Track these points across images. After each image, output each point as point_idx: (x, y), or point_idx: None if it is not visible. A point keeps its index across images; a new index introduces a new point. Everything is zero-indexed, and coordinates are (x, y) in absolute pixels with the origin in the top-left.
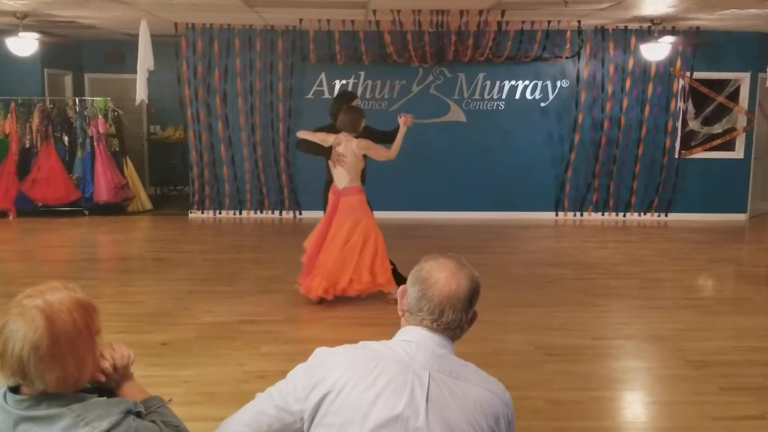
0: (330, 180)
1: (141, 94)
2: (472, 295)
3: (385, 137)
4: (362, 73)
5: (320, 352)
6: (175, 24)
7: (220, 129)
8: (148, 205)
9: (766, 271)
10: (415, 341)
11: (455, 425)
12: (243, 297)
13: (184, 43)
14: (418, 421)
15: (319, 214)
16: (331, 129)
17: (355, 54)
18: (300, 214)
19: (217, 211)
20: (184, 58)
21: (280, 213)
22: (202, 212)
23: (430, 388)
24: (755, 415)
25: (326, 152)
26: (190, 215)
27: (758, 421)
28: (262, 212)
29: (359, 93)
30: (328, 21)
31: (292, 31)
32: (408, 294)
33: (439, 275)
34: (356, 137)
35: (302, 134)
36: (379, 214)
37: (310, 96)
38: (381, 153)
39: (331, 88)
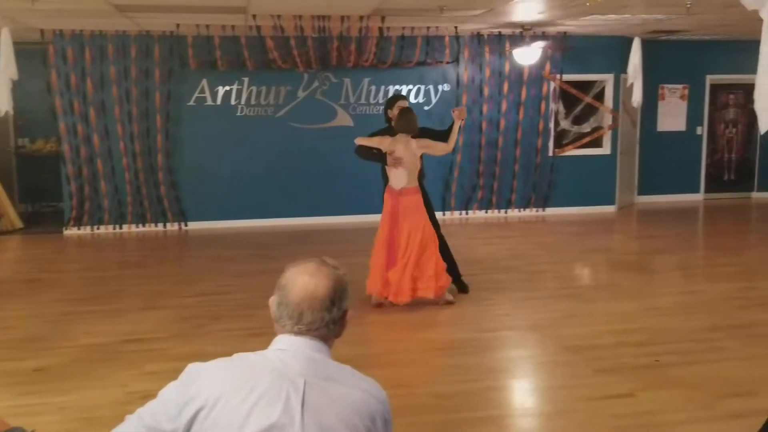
0: (386, 184)
1: (3, 105)
2: (333, 294)
3: (440, 136)
4: (246, 79)
5: (192, 368)
6: (41, 30)
7: (96, 140)
8: (18, 224)
9: (635, 259)
10: (289, 349)
11: (331, 428)
12: (125, 315)
13: (52, 50)
14: (294, 428)
15: (209, 224)
16: (386, 132)
17: (238, 60)
18: (185, 225)
19: (96, 227)
20: (53, 66)
21: (164, 225)
22: (79, 228)
23: (305, 394)
24: (625, 393)
25: (384, 158)
26: (66, 232)
27: (628, 398)
28: (144, 225)
29: (243, 99)
30: (207, 26)
31: (170, 37)
32: (272, 303)
33: (296, 279)
34: (413, 137)
35: (360, 140)
36: (274, 222)
37: (191, 103)
38: (440, 148)
39: (214, 94)
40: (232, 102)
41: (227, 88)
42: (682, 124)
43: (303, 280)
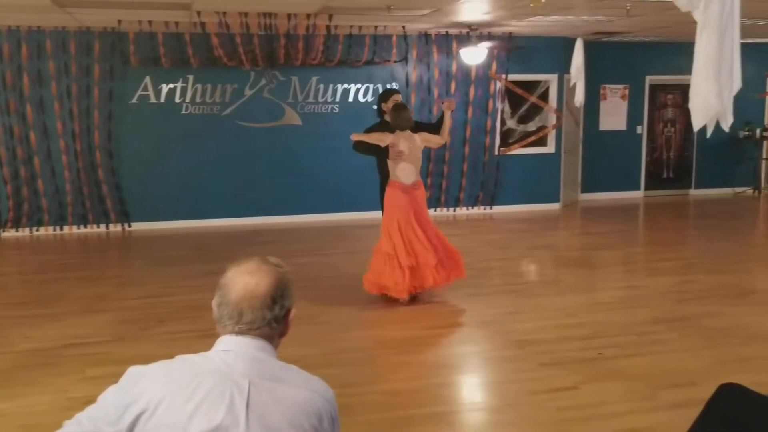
0: (384, 180)
1: None
2: (274, 292)
3: (432, 129)
4: (191, 77)
5: (132, 371)
6: None
7: (33, 139)
8: None
9: (579, 255)
10: (233, 349)
11: (276, 429)
12: (66, 319)
13: None
14: (238, 429)
15: (153, 224)
16: (381, 128)
17: (182, 57)
18: (129, 226)
19: (35, 228)
20: None
21: (107, 226)
22: (17, 230)
23: (250, 395)
24: (569, 386)
25: (383, 152)
26: (3, 234)
27: (572, 391)
28: (86, 226)
29: (188, 97)
30: (150, 22)
31: (111, 33)
32: (213, 304)
33: (237, 278)
34: (413, 132)
35: (357, 137)
36: (221, 222)
37: (134, 101)
38: (437, 141)
39: (158, 92)
40: (177, 100)
41: (171, 85)
42: (623, 124)
43: (243, 279)
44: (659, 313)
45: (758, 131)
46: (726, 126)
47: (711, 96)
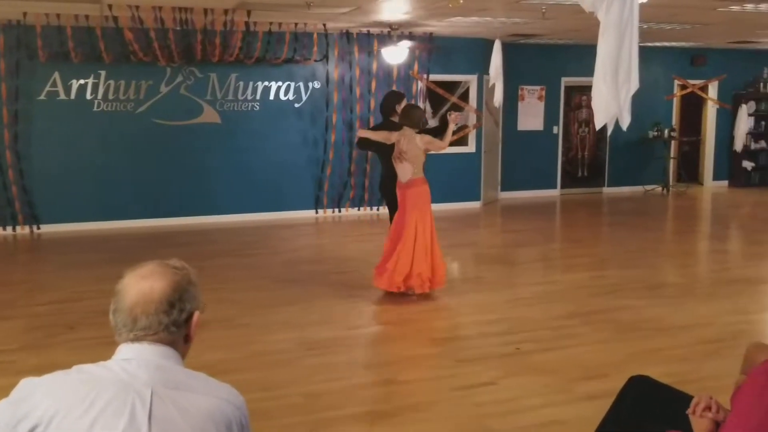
0: (388, 176)
1: None
2: (171, 296)
3: (435, 133)
4: (103, 73)
5: (25, 384)
6: None
7: None
8: None
9: (499, 252)
10: (134, 358)
11: None
12: None
13: None
14: None
15: (64, 226)
16: (387, 126)
17: (93, 52)
18: (38, 228)
19: None
20: None
21: (14, 229)
22: None
23: (153, 405)
24: (487, 381)
25: (389, 150)
26: None
27: (490, 386)
28: None
29: (100, 94)
30: (58, 16)
31: (16, 26)
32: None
33: (131, 284)
34: (418, 132)
35: (363, 133)
36: (136, 223)
37: (42, 97)
38: (439, 145)
39: (68, 88)
40: (88, 97)
41: (82, 81)
42: (540, 124)
43: (137, 284)
44: (574, 308)
45: (666, 132)
46: (624, 125)
47: (609, 96)
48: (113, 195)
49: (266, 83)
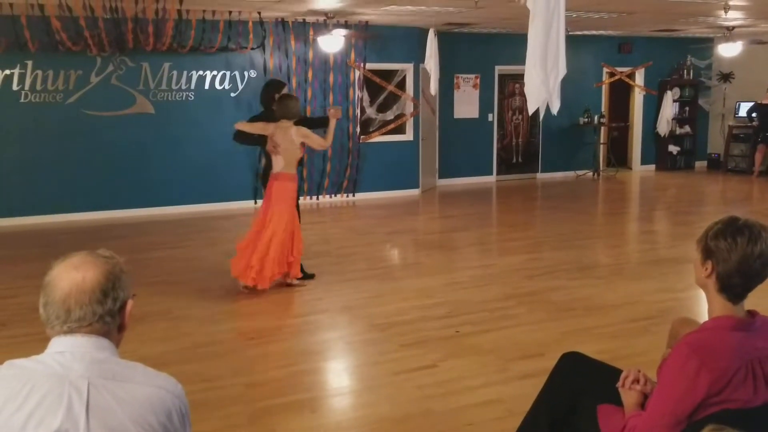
0: (268, 167)
1: None
2: (105, 285)
3: (315, 123)
4: (29, 62)
5: None
6: None
7: None
8: None
9: (437, 237)
10: (67, 350)
11: (121, 430)
12: None
13: None
14: None
15: None
16: (266, 118)
17: (18, 40)
18: None
19: None
20: None
21: None
22: None
23: (90, 396)
24: (428, 364)
25: (265, 141)
26: None
27: (431, 369)
28: None
29: (27, 84)
30: None
31: None
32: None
33: (61, 275)
34: (294, 124)
35: (241, 126)
36: (67, 217)
37: None
38: (318, 142)
39: None
40: (14, 87)
41: (8, 72)
42: (475, 112)
43: (68, 275)
44: (510, 290)
45: (596, 118)
46: (554, 110)
47: (539, 82)
48: (44, 189)
49: (201, 72)
